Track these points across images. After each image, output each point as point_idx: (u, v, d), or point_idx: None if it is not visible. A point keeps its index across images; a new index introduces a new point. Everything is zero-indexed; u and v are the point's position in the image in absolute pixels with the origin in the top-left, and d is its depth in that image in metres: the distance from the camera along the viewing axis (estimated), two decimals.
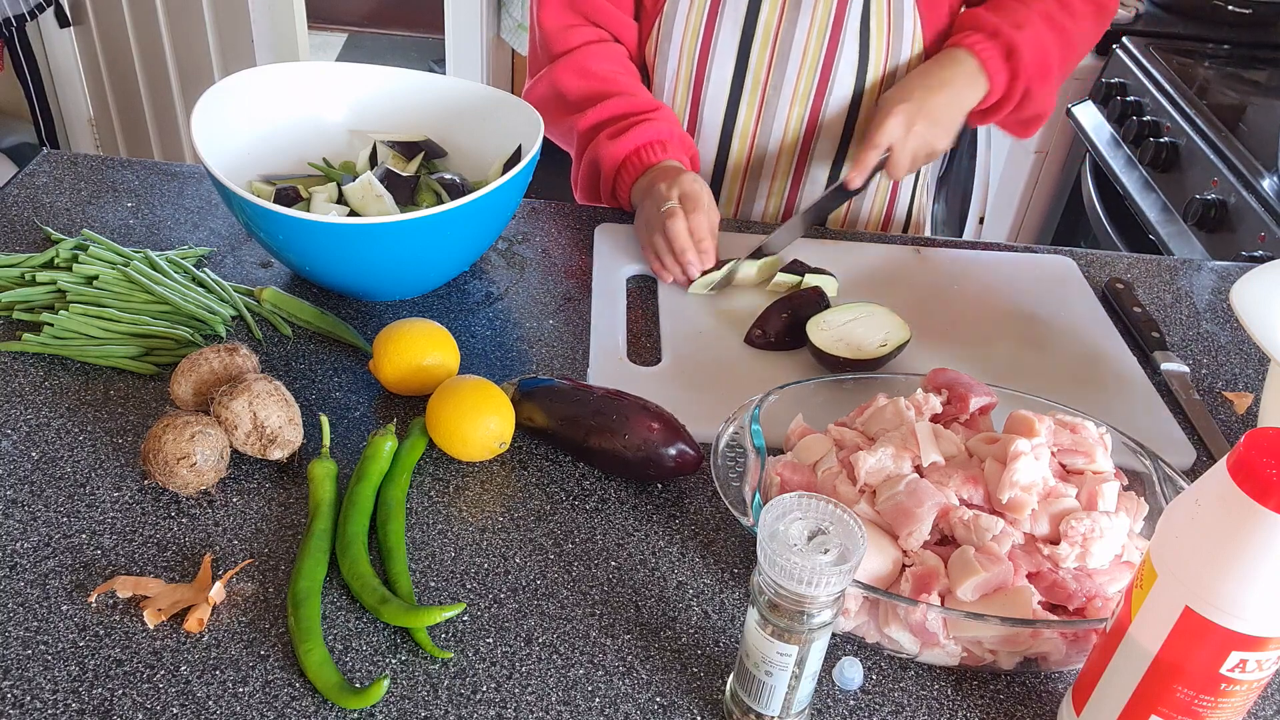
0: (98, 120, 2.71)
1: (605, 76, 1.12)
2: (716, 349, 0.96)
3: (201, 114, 0.97)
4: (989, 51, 1.09)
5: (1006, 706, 0.69)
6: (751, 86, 1.16)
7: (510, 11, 3.00)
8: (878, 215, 1.28)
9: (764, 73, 1.15)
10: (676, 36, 1.14)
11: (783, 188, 1.23)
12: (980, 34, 1.10)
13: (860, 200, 1.26)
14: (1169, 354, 1.02)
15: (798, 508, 0.59)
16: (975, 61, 1.09)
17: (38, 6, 2.33)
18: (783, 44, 1.13)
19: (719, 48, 1.14)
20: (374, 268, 0.93)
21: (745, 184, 1.23)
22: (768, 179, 1.22)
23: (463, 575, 0.74)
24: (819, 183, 1.23)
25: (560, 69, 1.13)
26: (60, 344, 0.88)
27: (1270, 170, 1.61)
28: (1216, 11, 2.12)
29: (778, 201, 1.24)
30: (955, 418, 0.80)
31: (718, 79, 1.16)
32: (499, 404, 0.81)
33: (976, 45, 1.09)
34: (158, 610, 0.68)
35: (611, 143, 1.08)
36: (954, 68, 1.09)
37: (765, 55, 1.14)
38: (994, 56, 1.09)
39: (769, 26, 1.12)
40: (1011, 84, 1.11)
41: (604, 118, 1.10)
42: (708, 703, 0.67)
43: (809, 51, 1.13)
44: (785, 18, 1.12)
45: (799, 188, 1.23)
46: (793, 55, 1.13)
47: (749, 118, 1.18)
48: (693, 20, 1.13)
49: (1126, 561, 0.71)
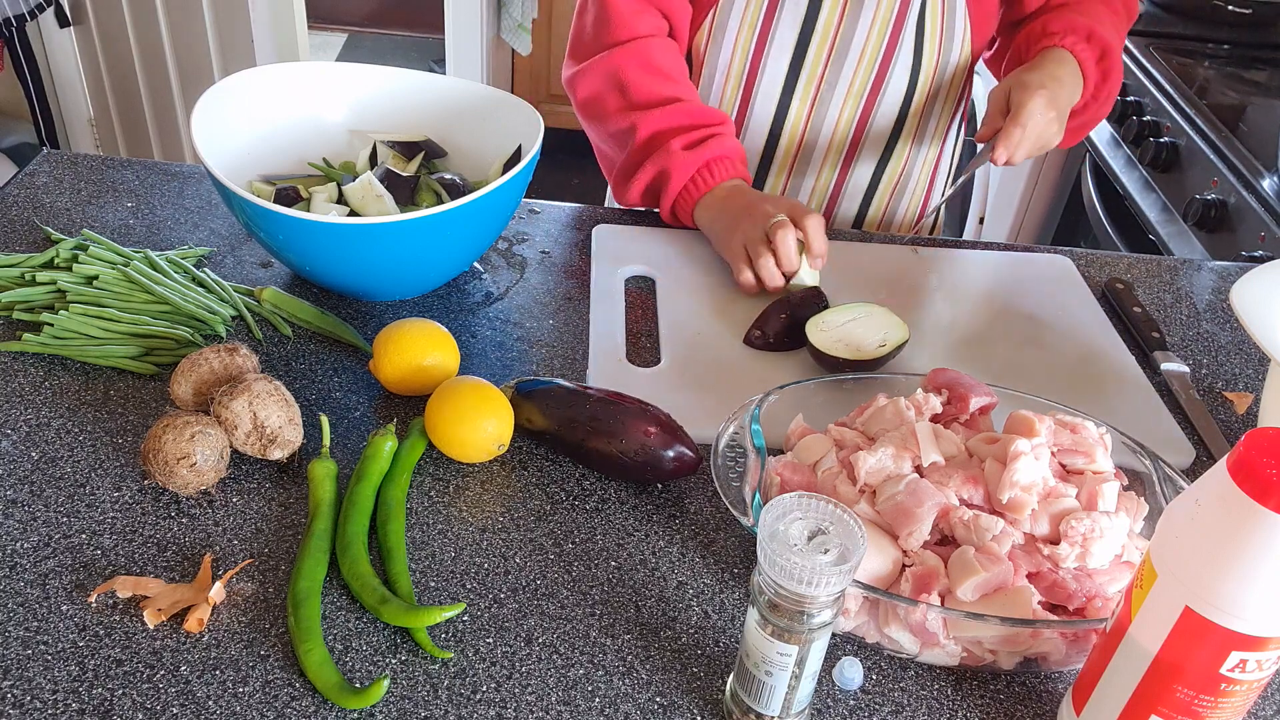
0: (98, 120, 2.71)
1: (672, 77, 1.10)
2: (716, 349, 0.96)
3: (201, 114, 0.97)
4: (1086, 52, 1.10)
5: (1006, 706, 0.69)
6: (806, 82, 1.15)
7: (510, 11, 3.00)
8: (912, 214, 1.29)
9: (820, 69, 1.14)
10: (732, 28, 1.14)
11: (827, 184, 1.23)
12: (1075, 35, 1.10)
13: (897, 200, 1.26)
14: (1169, 354, 1.02)
15: (798, 508, 0.59)
16: (1075, 62, 1.10)
17: (38, 6, 2.33)
18: (842, 41, 1.13)
19: (775, 42, 1.13)
20: (374, 268, 0.93)
21: (790, 179, 1.23)
22: (814, 175, 1.22)
23: (463, 575, 0.74)
24: (862, 181, 1.23)
25: (623, 57, 1.09)
26: (60, 344, 0.88)
27: (1270, 170, 1.61)
28: (1216, 11, 2.12)
29: (820, 198, 1.24)
30: (955, 418, 0.80)
31: (772, 73, 1.15)
32: (497, 406, 0.81)
33: (1076, 46, 1.10)
34: (158, 610, 0.68)
35: (685, 154, 1.06)
36: (1065, 66, 1.09)
37: (823, 52, 1.13)
38: (1090, 57, 1.10)
39: (829, 24, 1.12)
40: (1101, 85, 1.12)
41: (675, 125, 1.08)
42: (708, 703, 0.67)
43: (867, 50, 1.13)
44: (847, 15, 1.11)
45: (843, 184, 1.23)
46: (851, 53, 1.13)
47: (800, 113, 1.18)
48: (750, 14, 1.13)
49: (1126, 561, 0.71)
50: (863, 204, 1.25)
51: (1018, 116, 1.05)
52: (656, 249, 1.09)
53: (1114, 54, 1.11)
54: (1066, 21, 1.12)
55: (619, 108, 1.10)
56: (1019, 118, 1.05)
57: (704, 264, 1.08)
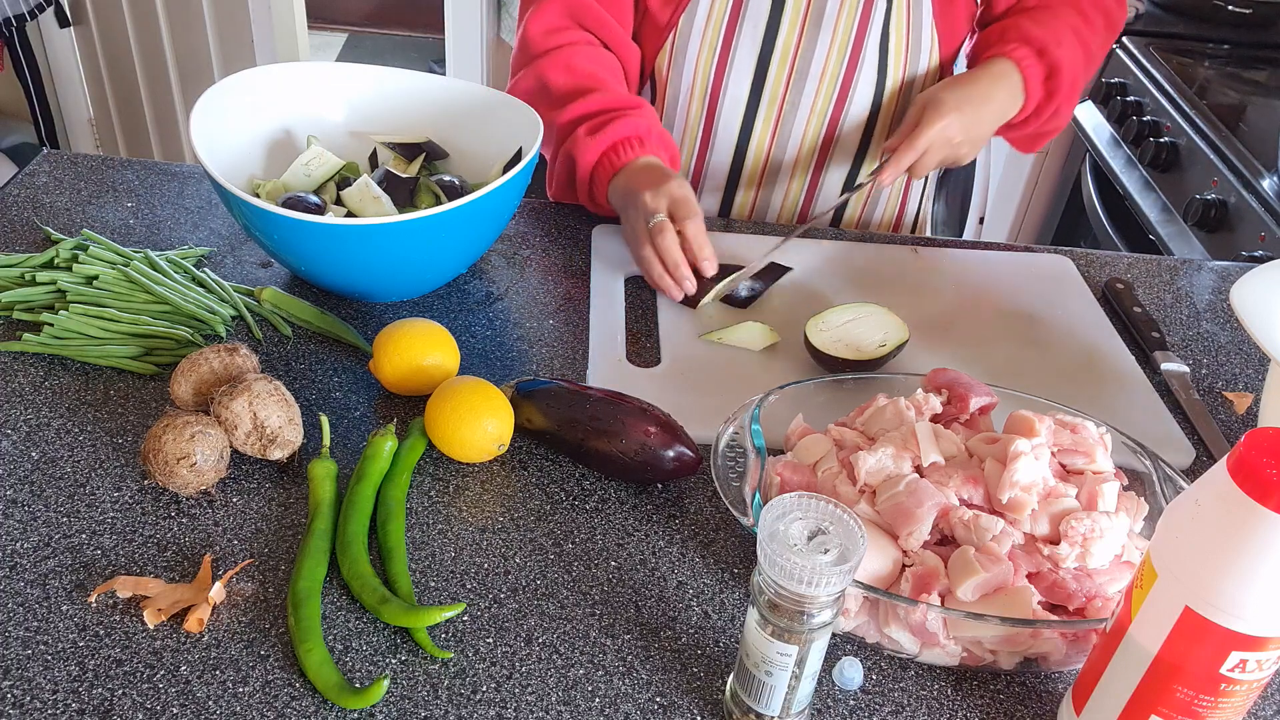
0: (98, 120, 2.71)
1: (590, 73, 1.09)
2: (716, 349, 0.96)
3: (201, 114, 0.97)
4: (1033, 69, 1.08)
5: (1006, 706, 0.69)
6: (769, 102, 1.15)
7: (510, 11, 3.00)
8: (889, 218, 1.29)
9: (782, 89, 1.14)
10: (692, 51, 1.14)
11: (798, 196, 1.23)
12: (1028, 49, 1.08)
13: (874, 204, 1.26)
14: (1169, 354, 1.02)
15: (798, 508, 0.59)
16: (1019, 77, 1.08)
17: (38, 6, 2.33)
18: (802, 61, 1.12)
19: (736, 65, 1.13)
20: (373, 269, 0.93)
21: (760, 193, 1.23)
22: (783, 188, 1.22)
23: (463, 575, 0.74)
24: (833, 191, 1.23)
25: (547, 62, 1.10)
26: (60, 344, 0.88)
27: (1270, 170, 1.61)
28: (1216, 11, 2.12)
29: (792, 209, 1.24)
30: (955, 418, 0.80)
31: (734, 95, 1.15)
32: (497, 406, 0.81)
33: (1023, 61, 1.08)
34: (158, 610, 0.68)
35: (589, 139, 1.04)
36: (1000, 82, 1.08)
37: (784, 72, 1.13)
38: (1036, 75, 1.08)
39: (788, 45, 1.12)
40: (1045, 103, 1.11)
41: (583, 113, 1.06)
42: (708, 703, 0.67)
43: (828, 69, 1.12)
44: (805, 36, 1.11)
45: (814, 196, 1.23)
46: (811, 72, 1.13)
47: (764, 132, 1.17)
48: (709, 37, 1.12)
49: (1126, 561, 0.71)
50: (836, 211, 1.24)
51: (914, 140, 1.04)
52: None
53: (1063, 73, 1.08)
54: (1022, 33, 1.10)
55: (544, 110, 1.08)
56: (915, 141, 1.04)
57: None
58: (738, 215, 1.25)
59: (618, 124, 1.04)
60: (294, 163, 1.03)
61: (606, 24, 1.13)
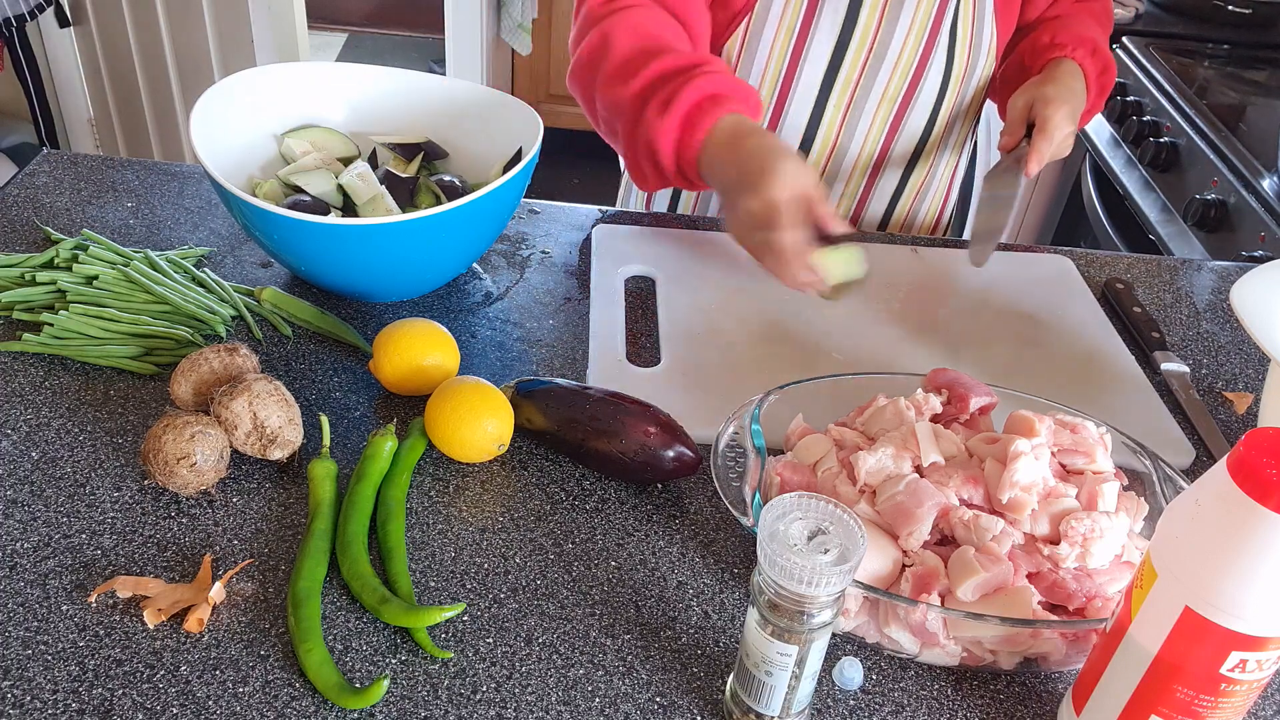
0: (98, 120, 2.71)
1: (658, 36, 1.00)
2: (716, 349, 0.96)
3: (201, 114, 0.97)
4: (1092, 68, 1.11)
5: (1006, 706, 0.69)
6: (842, 88, 1.15)
7: (510, 11, 3.00)
8: (932, 215, 1.29)
9: (856, 74, 1.14)
10: (768, 34, 1.12)
11: (855, 191, 1.23)
12: (1084, 50, 1.11)
13: (919, 204, 1.26)
14: (1169, 354, 1.02)
15: (798, 508, 0.59)
16: (1083, 76, 1.11)
17: (38, 6, 2.33)
18: (880, 46, 1.12)
19: (814, 48, 1.12)
20: (373, 269, 0.93)
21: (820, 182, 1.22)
22: (842, 182, 1.22)
23: (463, 575, 0.74)
24: (888, 190, 1.23)
25: (615, 21, 1.01)
26: (60, 344, 0.88)
27: (1270, 170, 1.61)
28: (1216, 11, 2.12)
29: (848, 204, 1.24)
30: (955, 418, 0.80)
31: (808, 79, 1.14)
32: (497, 406, 0.81)
33: (1085, 61, 1.10)
34: (158, 610, 0.68)
35: (660, 120, 0.93)
36: (1077, 80, 1.10)
37: (860, 57, 1.13)
38: (1094, 73, 1.11)
39: (868, 28, 1.11)
40: (1098, 99, 1.13)
41: (649, 80, 0.95)
42: (708, 703, 0.67)
43: (904, 55, 1.12)
44: (886, 18, 1.11)
45: (870, 192, 1.23)
46: (888, 57, 1.13)
47: (834, 120, 1.17)
48: (787, 20, 1.11)
49: (1126, 561, 0.71)
50: (888, 208, 1.25)
51: (1047, 130, 1.05)
52: (656, 249, 1.09)
53: (1112, 69, 1.13)
54: (1074, 34, 1.13)
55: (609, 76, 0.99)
56: (1048, 131, 1.04)
57: (704, 263, 1.08)
58: None
59: (686, 90, 0.93)
60: (294, 164, 1.03)
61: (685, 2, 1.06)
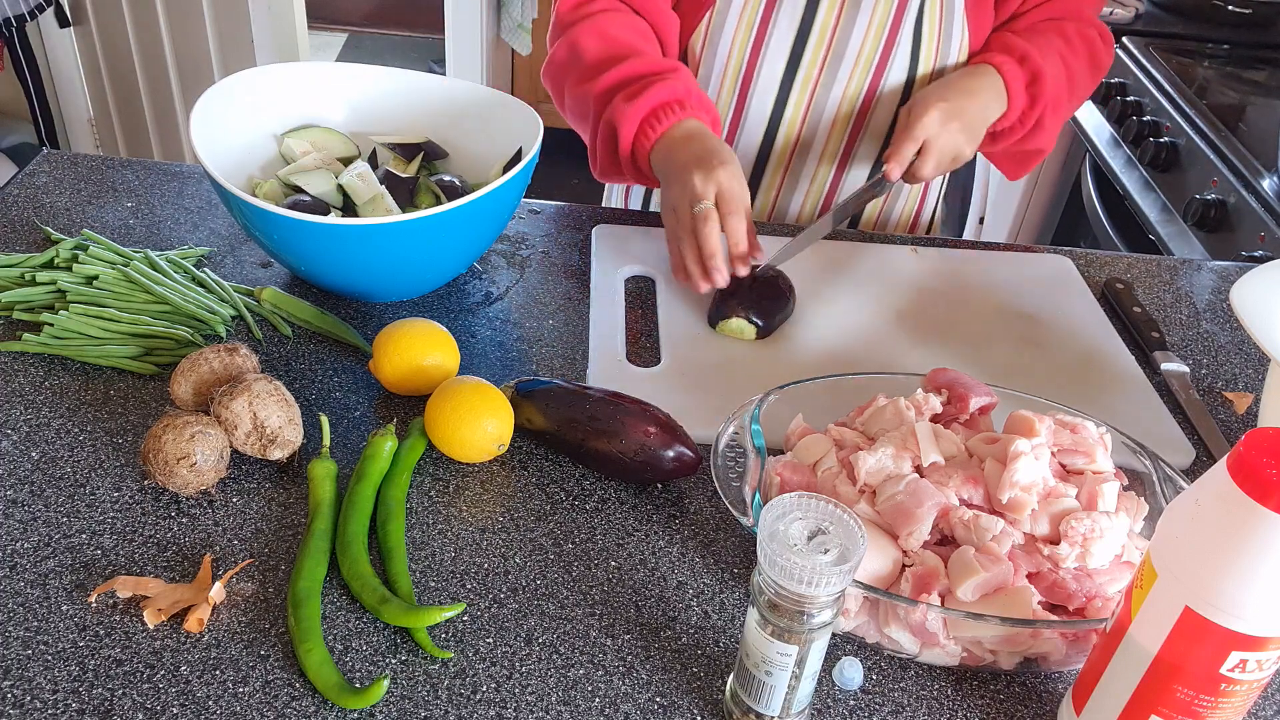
0: (98, 120, 2.71)
1: (624, 40, 1.07)
2: (716, 349, 0.96)
3: (201, 114, 0.97)
4: (1015, 74, 1.09)
5: (1006, 706, 0.69)
6: (802, 83, 1.15)
7: (510, 11, 3.00)
8: (908, 216, 1.29)
9: (817, 70, 1.14)
10: (729, 29, 1.13)
11: (823, 184, 1.23)
12: (1009, 56, 1.10)
13: (893, 202, 1.26)
14: (1169, 354, 1.02)
15: (798, 508, 0.59)
16: (1001, 81, 1.09)
17: (38, 6, 2.33)
18: (839, 43, 1.12)
19: (772, 43, 1.13)
20: (373, 268, 0.93)
21: (786, 178, 1.23)
22: (809, 175, 1.22)
23: (463, 575, 0.74)
24: (858, 181, 1.23)
25: (581, 29, 1.08)
26: (60, 344, 0.88)
27: (1270, 170, 1.61)
28: (1216, 11, 2.12)
29: (816, 197, 1.24)
30: (955, 418, 0.80)
31: (768, 74, 1.15)
32: (497, 406, 0.81)
33: (1004, 66, 1.09)
34: (158, 610, 0.68)
35: (627, 105, 1.00)
36: (983, 79, 1.09)
37: (820, 53, 1.13)
38: (1018, 79, 1.09)
39: (825, 26, 1.12)
40: (1028, 110, 1.11)
41: (620, 79, 1.03)
42: (708, 703, 0.67)
43: (864, 52, 1.13)
44: (844, 17, 1.11)
45: (839, 184, 1.23)
46: (848, 54, 1.13)
47: (796, 113, 1.17)
48: (747, 16, 1.12)
49: (1126, 561, 0.71)
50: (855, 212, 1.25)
51: (910, 130, 1.05)
52: (656, 249, 1.09)
53: (1045, 81, 1.09)
54: (1004, 42, 1.12)
55: (577, 80, 1.07)
56: (911, 131, 1.04)
57: None
58: (762, 203, 1.25)
59: (656, 88, 1.00)
60: (294, 163, 1.03)
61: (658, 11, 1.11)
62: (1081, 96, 1.18)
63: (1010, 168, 1.24)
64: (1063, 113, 1.15)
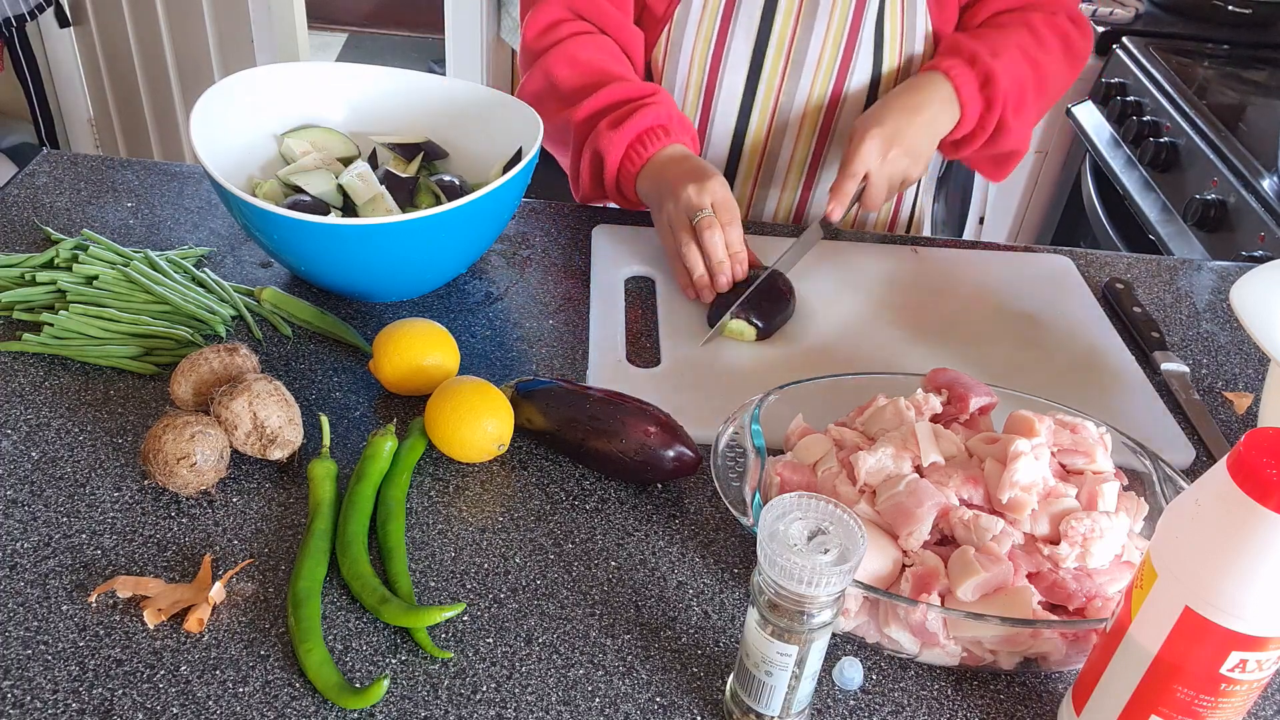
0: (98, 120, 2.71)
1: (597, 66, 1.08)
2: (716, 349, 0.96)
3: (200, 114, 0.97)
4: (965, 79, 1.06)
5: (1006, 706, 0.69)
6: (765, 93, 1.15)
7: (510, 11, 3.00)
8: (884, 218, 1.28)
9: (778, 80, 1.14)
10: (687, 44, 1.13)
11: (794, 192, 1.23)
12: (958, 60, 1.07)
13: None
14: (1169, 354, 1.02)
15: (798, 508, 0.59)
16: (950, 87, 1.06)
17: (38, 6, 2.33)
18: (798, 51, 1.12)
19: (731, 54, 1.13)
20: (373, 268, 0.93)
21: (756, 189, 1.23)
22: (779, 184, 1.22)
23: (463, 575, 0.74)
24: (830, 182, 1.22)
25: (550, 58, 1.09)
26: (60, 344, 0.88)
27: (1270, 170, 1.61)
28: (1216, 11, 2.12)
29: (788, 205, 1.24)
30: (955, 418, 0.80)
31: (730, 85, 1.15)
32: (497, 406, 0.81)
33: (953, 71, 1.06)
34: (158, 610, 0.68)
35: (613, 132, 1.02)
36: (929, 91, 1.06)
37: (780, 62, 1.13)
38: (969, 84, 1.06)
39: (783, 34, 1.11)
40: (985, 114, 1.08)
41: (601, 106, 1.05)
42: (708, 703, 0.67)
43: (824, 57, 1.12)
44: (800, 26, 1.11)
45: (810, 191, 1.23)
46: (808, 61, 1.12)
47: (761, 121, 1.17)
48: (704, 28, 1.12)
49: (1126, 561, 0.71)
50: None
51: (848, 166, 1.03)
52: (656, 249, 1.09)
53: (998, 82, 1.06)
54: (954, 46, 1.09)
55: (555, 108, 1.08)
56: (849, 167, 1.03)
57: None
58: None
59: (640, 114, 1.02)
60: (294, 164, 1.03)
61: (606, 12, 1.12)
62: (1056, 90, 1.15)
63: (989, 170, 1.22)
64: (1030, 111, 1.11)
